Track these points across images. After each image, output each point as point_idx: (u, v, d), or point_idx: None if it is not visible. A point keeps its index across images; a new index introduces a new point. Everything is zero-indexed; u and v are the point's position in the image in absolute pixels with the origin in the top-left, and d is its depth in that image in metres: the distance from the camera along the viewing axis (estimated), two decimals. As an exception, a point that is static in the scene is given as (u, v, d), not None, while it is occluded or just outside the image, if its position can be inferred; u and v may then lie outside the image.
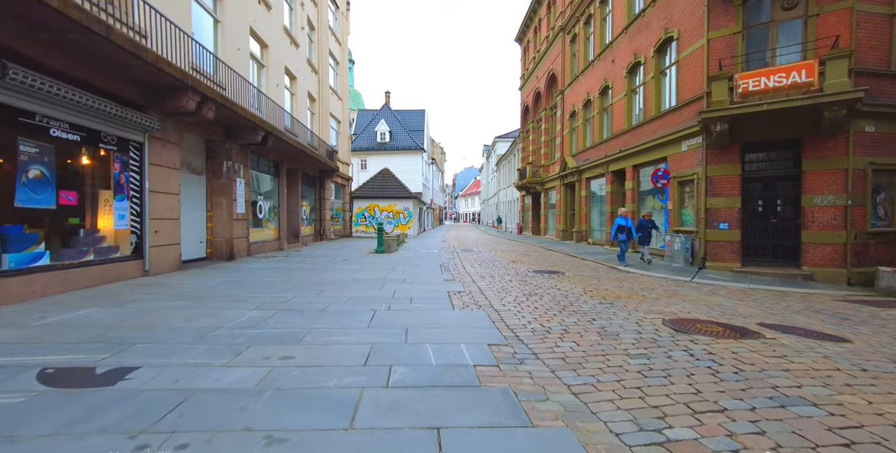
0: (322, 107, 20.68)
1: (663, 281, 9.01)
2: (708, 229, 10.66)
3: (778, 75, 8.72)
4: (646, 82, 13.87)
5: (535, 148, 29.46)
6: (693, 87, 11.15)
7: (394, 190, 26.24)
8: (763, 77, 8.87)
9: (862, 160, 9.05)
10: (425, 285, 7.65)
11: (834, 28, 8.90)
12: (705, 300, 6.75)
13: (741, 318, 5.43)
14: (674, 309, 5.89)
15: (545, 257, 13.79)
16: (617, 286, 7.88)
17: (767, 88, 8.85)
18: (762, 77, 8.88)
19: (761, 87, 8.91)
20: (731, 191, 10.32)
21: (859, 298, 7.53)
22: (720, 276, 9.58)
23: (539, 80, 27.43)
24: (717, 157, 10.49)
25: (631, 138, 14.91)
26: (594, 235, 19.32)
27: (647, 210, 14.56)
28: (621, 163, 15.63)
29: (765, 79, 8.86)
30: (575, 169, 20.11)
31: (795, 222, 9.77)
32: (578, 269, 10.47)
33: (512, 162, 39.58)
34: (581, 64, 20.13)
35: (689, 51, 11.24)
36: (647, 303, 6.29)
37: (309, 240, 18.87)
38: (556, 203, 23.76)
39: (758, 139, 9.95)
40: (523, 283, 8.00)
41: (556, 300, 6.38)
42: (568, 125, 22.11)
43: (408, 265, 10.87)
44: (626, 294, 6.96)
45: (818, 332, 4.88)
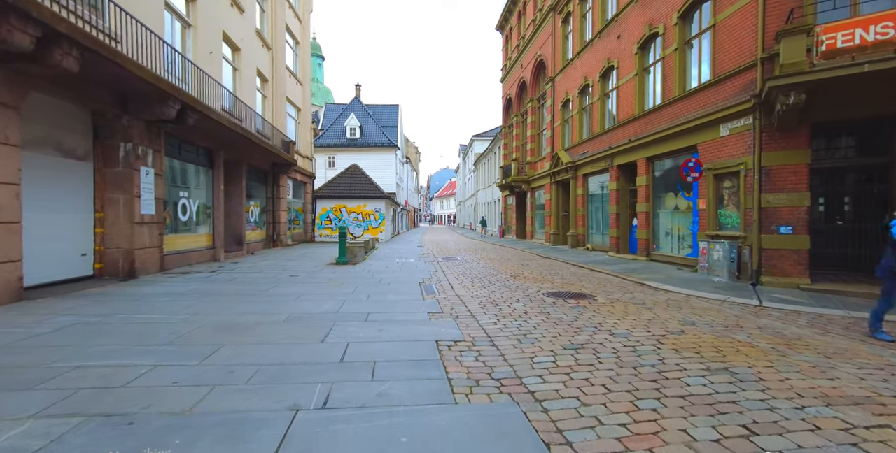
0: (276, 89, 17.54)
1: (727, 307, 6.51)
2: (763, 234, 8.31)
3: (882, 25, 6.42)
4: (665, 57, 11.54)
5: (519, 144, 27.09)
6: (739, 54, 8.81)
7: (364, 188, 23.22)
8: (860, 28, 6.56)
9: (973, 144, 6.88)
10: (399, 326, 4.85)
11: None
12: (857, 354, 4.22)
13: None
14: (859, 390, 3.30)
15: (548, 268, 11.19)
16: (688, 324, 5.29)
17: (866, 43, 6.54)
18: (858, 28, 6.57)
19: (855, 43, 6.60)
20: (796, 186, 8.00)
21: None
22: (792, 297, 7.20)
23: (524, 69, 25.07)
24: (776, 142, 8.16)
25: (644, 125, 12.56)
26: (593, 240, 16.95)
27: (665, 210, 12.24)
28: (631, 156, 13.28)
29: (862, 31, 6.55)
30: (570, 164, 17.74)
31: (885, 224, 7.50)
32: (606, 289, 7.88)
33: (492, 160, 37.18)
34: (576, 45, 17.79)
35: (734, 9, 8.90)
36: (791, 371, 3.68)
37: (258, 248, 15.68)
38: (546, 203, 21.38)
39: (834, 117, 7.66)
40: (548, 320, 5.30)
41: (626, 363, 3.70)
42: (560, 116, 19.75)
43: (376, 284, 8.02)
44: (724, 344, 4.35)
45: None
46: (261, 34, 15.88)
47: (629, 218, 14.10)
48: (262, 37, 15.98)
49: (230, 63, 13.72)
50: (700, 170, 9.79)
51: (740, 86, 8.80)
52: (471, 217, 51.52)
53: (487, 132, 45.81)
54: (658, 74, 12.08)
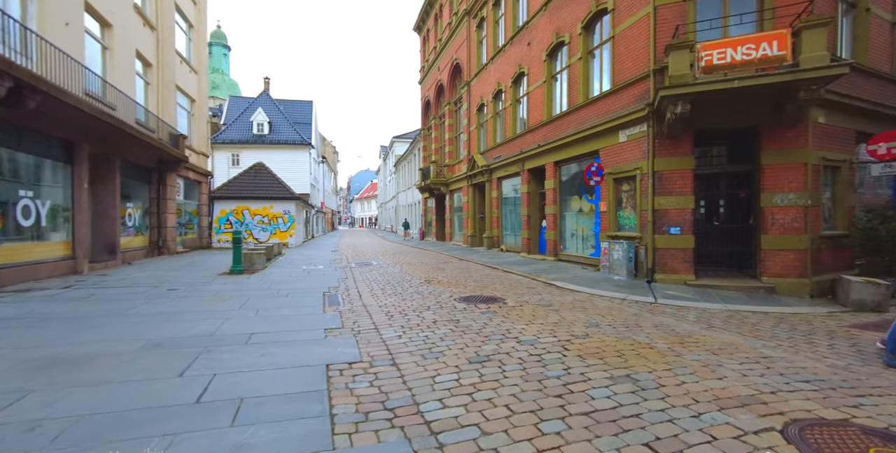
0: (163, 76, 15.39)
1: (626, 305, 6.78)
2: (656, 234, 8.93)
3: (747, 46, 7.16)
4: (571, 65, 12.07)
5: (438, 146, 27.07)
6: (634, 65, 9.41)
7: (270, 188, 21.42)
8: (730, 48, 7.26)
9: (815, 153, 7.99)
10: (286, 349, 4.18)
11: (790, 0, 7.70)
12: (738, 349, 4.46)
13: (851, 396, 3.11)
14: (745, 389, 3.38)
15: (464, 271, 11.05)
16: (592, 325, 5.31)
17: (735, 62, 7.26)
18: (729, 48, 7.26)
19: (727, 61, 7.29)
20: (683, 190, 8.69)
21: (866, 322, 6.05)
22: (681, 293, 7.77)
23: (441, 72, 25.10)
24: (666, 149, 8.81)
25: (552, 131, 13.04)
26: (507, 241, 17.33)
27: (571, 212, 12.80)
28: (540, 160, 13.73)
29: (731, 50, 7.25)
30: (485, 167, 17.98)
31: (753, 225, 8.45)
32: (516, 291, 7.84)
33: (412, 162, 36.85)
34: (490, 51, 18.12)
35: (629, 23, 9.49)
36: (685, 372, 3.71)
37: (139, 256, 13.55)
38: (464, 205, 21.52)
39: (711, 127, 8.45)
40: (457, 329, 4.98)
41: (532, 376, 3.47)
42: (476, 120, 19.99)
43: (271, 296, 7.14)
44: (626, 347, 4.35)
45: None
46: (141, 11, 13.78)
47: (539, 220, 14.58)
48: (142, 14, 13.88)
49: (98, 40, 11.64)
50: (602, 174, 10.31)
51: (636, 95, 9.39)
52: (392, 219, 50.70)
53: (408, 134, 45.45)
54: (565, 82, 12.60)
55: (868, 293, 6.97)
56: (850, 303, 7.13)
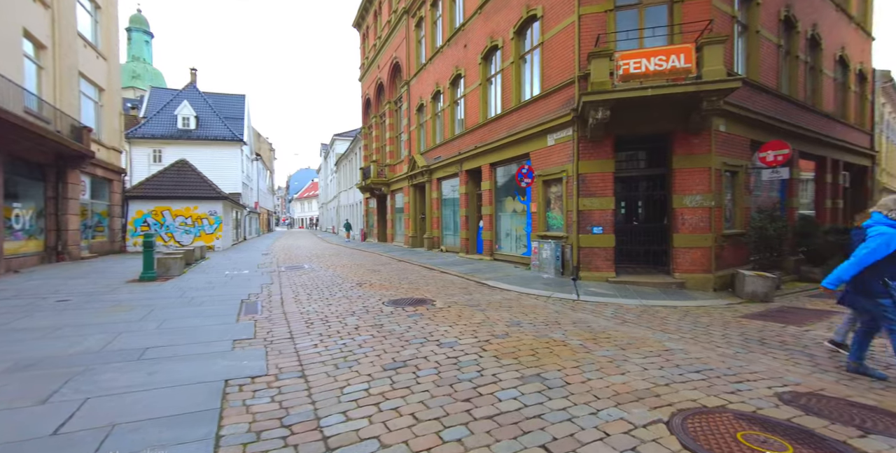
0: (61, 61, 13.71)
1: (551, 303, 7.01)
2: (581, 234, 9.34)
3: (658, 58, 7.69)
4: (504, 69, 12.33)
5: (379, 145, 26.63)
6: (561, 71, 9.79)
7: (195, 187, 19.88)
8: (644, 59, 7.75)
9: (718, 159, 8.77)
10: (183, 364, 3.82)
11: (696, 17, 8.38)
12: (644, 343, 4.72)
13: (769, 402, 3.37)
14: (643, 382, 3.55)
15: (400, 272, 10.89)
16: (514, 324, 5.39)
17: (648, 72, 7.76)
18: (643, 58, 7.75)
19: (642, 70, 7.78)
20: (604, 191, 9.17)
21: (756, 312, 6.69)
22: (602, 289, 8.18)
23: (381, 70, 24.72)
24: (590, 152, 9.24)
25: (488, 133, 13.26)
26: (447, 242, 17.41)
27: (505, 213, 13.09)
28: (477, 162, 13.91)
29: (645, 61, 7.75)
30: (425, 168, 17.93)
31: (667, 225, 9.09)
32: (448, 292, 7.83)
33: (353, 161, 35.99)
34: (428, 51, 18.10)
35: (557, 30, 9.86)
36: (592, 369, 3.83)
37: (31, 263, 11.96)
38: (405, 206, 21.33)
39: (629, 132, 8.99)
40: (379, 334, 4.84)
41: (445, 380, 3.42)
42: (415, 120, 19.90)
43: (182, 305, 6.56)
44: (542, 345, 4.45)
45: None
46: (30, -16, 12.16)
47: (477, 220, 14.77)
48: (32, -12, 12.26)
49: (-28, 15, 10.10)
50: (532, 176, 10.62)
51: (563, 100, 9.76)
52: (334, 220, 49.21)
53: (349, 132, 44.37)
54: (498, 85, 12.86)
55: (759, 285, 7.76)
56: (744, 294, 7.88)
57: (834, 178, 13.46)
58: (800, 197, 12.11)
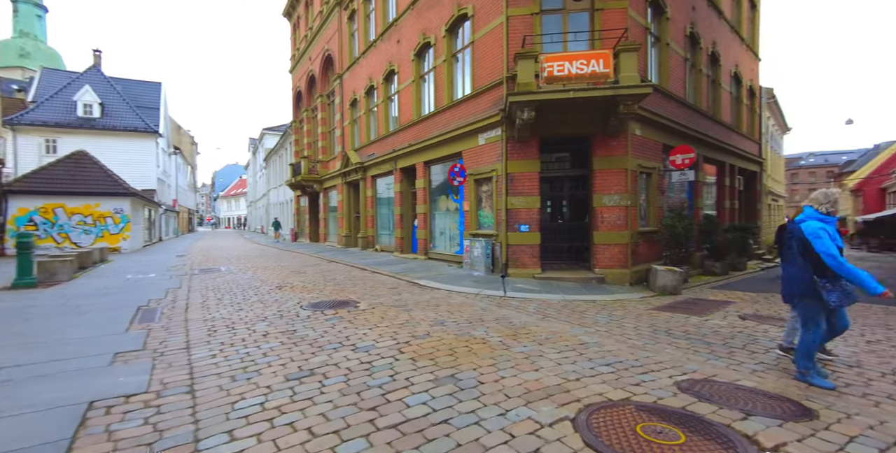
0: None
1: (478, 300, 7.01)
2: (509, 232, 9.50)
3: (580, 62, 7.99)
4: (437, 67, 12.25)
5: (311, 140, 25.47)
6: (491, 71, 9.88)
7: (96, 183, 17.65)
8: (567, 62, 8.02)
9: (634, 161, 9.33)
10: (45, 384, 3.22)
11: (615, 25, 8.83)
12: (562, 338, 4.80)
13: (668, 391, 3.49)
14: (555, 378, 3.55)
15: (327, 274, 10.40)
16: (437, 324, 5.27)
17: (571, 75, 8.04)
18: (567, 62, 8.02)
19: (565, 73, 8.05)
20: (531, 191, 9.39)
21: (665, 304, 7.16)
22: (528, 286, 8.36)
23: (313, 62, 23.65)
24: (517, 152, 9.42)
25: (422, 131, 13.11)
26: (382, 241, 17.03)
27: (440, 211, 13.02)
28: (411, 159, 13.72)
29: (568, 64, 8.03)
30: (359, 165, 17.40)
31: (588, 223, 9.51)
32: (375, 293, 7.55)
33: (283, 157, 34.18)
34: (362, 44, 17.57)
35: (487, 30, 9.93)
36: (507, 366, 3.79)
37: None
38: (339, 204, 20.58)
39: (554, 134, 9.28)
40: (289, 340, 4.48)
41: (352, 389, 3.19)
42: (349, 115, 19.25)
43: (63, 314, 5.67)
44: (461, 344, 4.35)
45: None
46: None
47: (412, 219, 14.58)
48: None
49: None
50: (464, 175, 10.62)
51: (492, 100, 9.86)
52: (263, 219, 46.44)
53: (279, 126, 42.12)
54: (432, 82, 12.75)
55: (668, 279, 8.35)
56: (656, 288, 8.45)
57: (731, 182, 15.00)
58: (704, 198, 13.32)
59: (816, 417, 2.74)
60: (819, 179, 64.83)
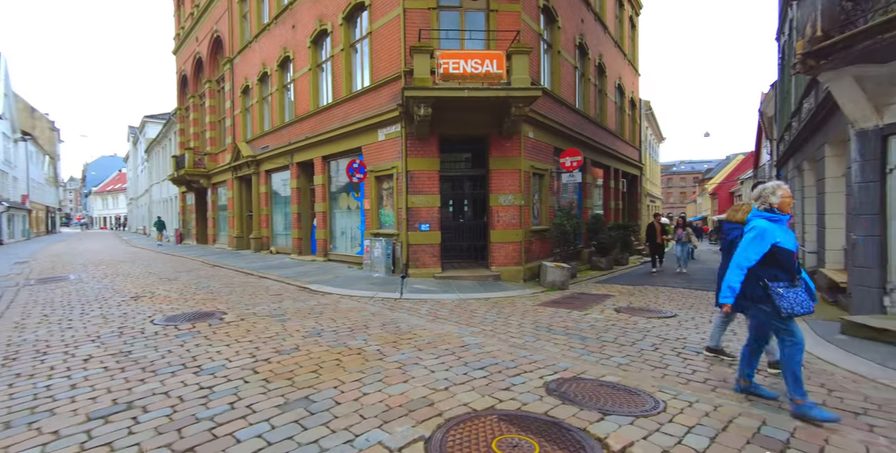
0: None
1: (371, 304, 6.62)
2: (410, 231, 9.23)
3: (475, 61, 7.97)
4: (334, 56, 11.54)
5: (198, 130, 22.79)
6: (389, 64, 9.50)
7: None
8: (462, 60, 7.95)
9: (528, 162, 9.64)
10: None
11: (509, 27, 9.00)
12: (445, 341, 4.60)
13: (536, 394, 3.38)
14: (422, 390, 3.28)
15: (204, 280, 9.18)
16: (312, 334, 4.76)
17: (466, 73, 7.99)
18: (462, 60, 7.95)
19: (461, 71, 7.98)
20: (431, 189, 9.22)
21: (552, 299, 7.42)
22: (427, 286, 8.17)
23: (200, 44, 21.16)
24: (417, 150, 9.18)
25: (320, 123, 12.29)
26: (278, 242, 15.75)
27: (340, 210, 12.33)
28: (309, 153, 12.81)
29: (463, 62, 7.96)
30: (251, 158, 15.87)
31: (485, 221, 9.60)
32: (252, 301, 6.74)
33: (167, 148, 30.26)
34: (254, 27, 16.03)
35: (384, 21, 9.53)
36: (374, 380, 3.44)
37: None
38: (229, 202, 18.64)
39: (453, 132, 9.21)
40: (117, 365, 3.65)
41: (173, 425, 2.59)
42: (240, 103, 17.50)
43: None
44: (332, 357, 3.92)
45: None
46: None
47: (310, 218, 13.64)
48: None
49: None
50: (364, 171, 10.12)
51: (392, 94, 9.49)
52: (146, 218, 40.67)
53: (163, 114, 37.28)
54: (330, 72, 12.00)
55: (557, 275, 8.74)
56: (547, 283, 8.79)
57: (616, 184, 16.46)
58: (593, 198, 14.39)
59: (664, 409, 2.83)
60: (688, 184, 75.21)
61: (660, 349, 4.36)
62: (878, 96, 4.90)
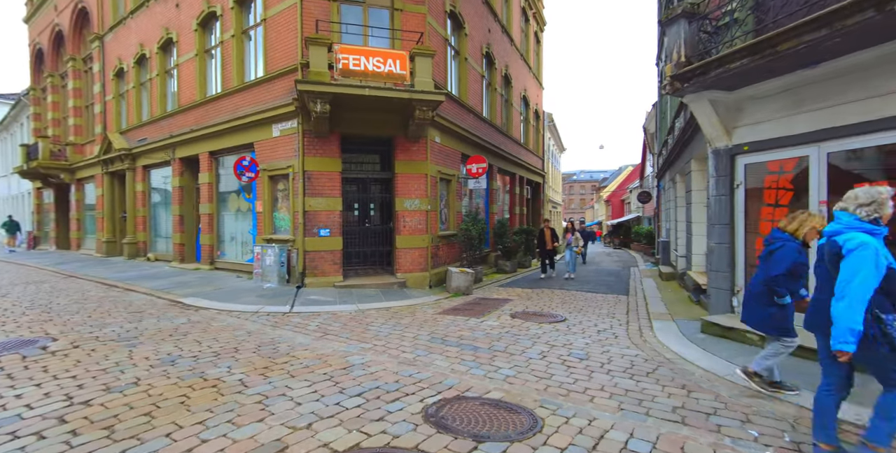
0: None
1: (253, 320, 5.91)
2: (307, 237, 8.54)
3: (377, 59, 7.61)
4: (225, 41, 10.37)
5: (59, 116, 19.26)
6: (285, 55, 8.74)
7: None
8: (363, 57, 7.54)
9: (434, 167, 9.51)
10: None
11: (414, 28, 8.80)
12: (326, 362, 4.16)
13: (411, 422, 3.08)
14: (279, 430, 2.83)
15: (43, 295, 7.56)
16: (164, 363, 4.02)
17: (368, 71, 7.59)
18: (363, 56, 7.54)
19: (362, 68, 7.56)
20: (332, 191, 8.63)
21: (453, 306, 7.31)
22: (325, 296, 7.59)
23: (60, 14, 17.92)
24: (316, 148, 8.54)
25: (206, 114, 10.97)
26: (157, 248, 13.81)
27: (230, 212, 11.11)
28: (194, 148, 11.38)
29: (364, 59, 7.56)
30: (125, 151, 13.73)
31: (391, 226, 9.25)
32: (100, 321, 5.62)
33: (17, 135, 25.24)
34: (129, 1, 13.93)
35: (280, 8, 8.74)
36: (223, 421, 2.90)
37: None
38: (98, 201, 15.96)
39: (356, 132, 8.74)
40: None
41: None
42: (113, 88, 15.09)
43: None
44: (178, 393, 3.27)
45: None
46: None
47: (195, 221, 12.13)
48: None
49: None
50: (256, 170, 9.20)
51: (288, 87, 8.72)
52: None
53: (11, 94, 31.04)
54: (219, 60, 10.77)
55: (462, 280, 8.70)
56: (451, 289, 8.71)
57: (521, 191, 17.18)
58: (499, 204, 14.80)
59: (541, 429, 2.74)
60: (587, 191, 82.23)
61: (547, 357, 4.40)
62: (727, 120, 5.53)
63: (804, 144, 4.74)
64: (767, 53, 4.14)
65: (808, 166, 4.71)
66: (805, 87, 4.68)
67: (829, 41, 3.82)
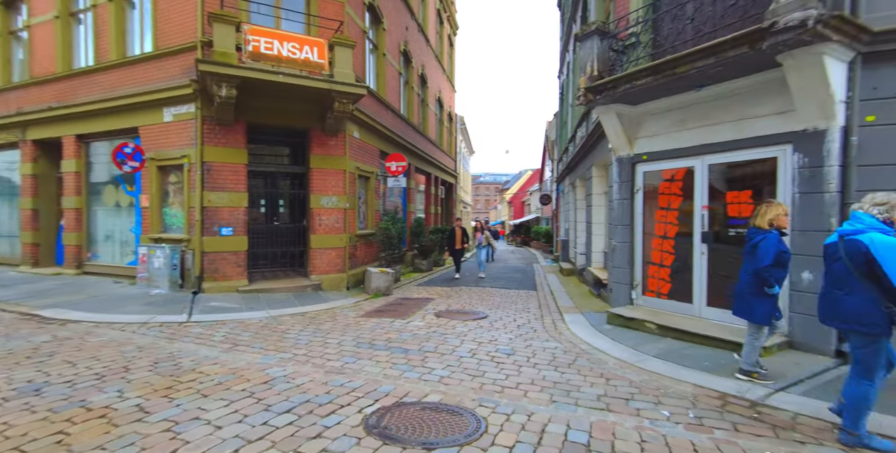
0: None
1: (142, 333, 5.08)
2: (206, 236, 7.60)
3: (293, 44, 7.04)
4: (98, 6, 8.78)
5: None
6: (183, 29, 7.66)
7: None
8: (277, 41, 6.91)
9: (352, 163, 9.14)
10: None
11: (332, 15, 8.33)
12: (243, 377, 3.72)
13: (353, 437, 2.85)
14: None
15: None
16: (23, 393, 3.25)
17: (282, 57, 6.98)
18: (276, 40, 6.91)
19: (274, 53, 6.92)
20: (236, 186, 7.79)
21: (375, 308, 7.08)
22: (228, 303, 6.83)
23: None
24: (219, 137, 7.63)
25: (73, 90, 9.18)
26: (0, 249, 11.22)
27: (105, 207, 9.45)
28: (55, 129, 9.45)
29: (279, 44, 6.94)
30: (-53, 128, 10.87)
31: (305, 225, 8.66)
32: (-83, 345, 4.35)
33: None
34: (-43, -61, 11.06)
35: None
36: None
37: None
38: None
39: (266, 122, 8.00)
40: None
41: None
42: (-72, 45, 11.85)
43: None
44: (51, 430, 2.65)
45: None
46: None
47: (56, 216, 10.10)
48: None
49: None
50: (141, 158, 7.94)
51: (184, 67, 7.67)
52: None
53: None
54: (91, 27, 9.08)
55: (381, 281, 8.49)
56: (371, 290, 8.44)
57: (436, 191, 17.38)
58: (416, 203, 14.79)
59: (486, 429, 2.75)
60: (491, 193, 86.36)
61: (476, 354, 4.47)
62: (630, 131, 6.18)
63: (691, 156, 5.48)
64: (668, 74, 4.70)
65: (693, 175, 5.46)
66: (691, 106, 5.41)
67: (714, 69, 4.45)
